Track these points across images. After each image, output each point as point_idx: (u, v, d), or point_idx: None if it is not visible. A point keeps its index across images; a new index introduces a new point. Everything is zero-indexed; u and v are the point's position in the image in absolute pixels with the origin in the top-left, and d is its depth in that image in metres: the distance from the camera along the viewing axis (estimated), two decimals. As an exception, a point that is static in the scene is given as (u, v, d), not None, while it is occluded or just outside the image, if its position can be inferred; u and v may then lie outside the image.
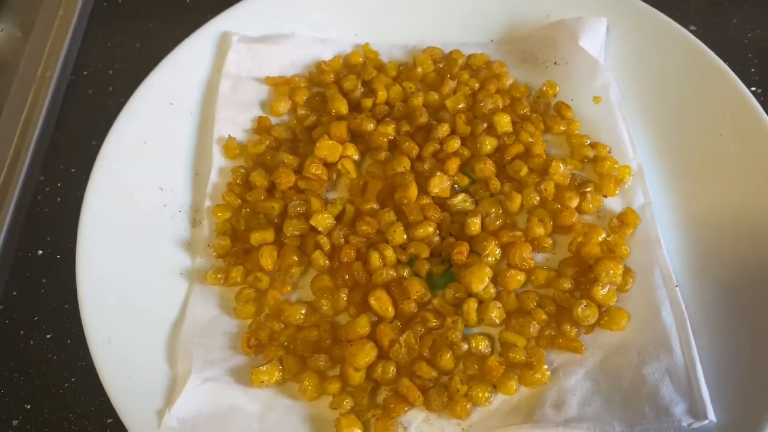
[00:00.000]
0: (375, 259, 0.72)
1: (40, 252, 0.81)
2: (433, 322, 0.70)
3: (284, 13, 0.90)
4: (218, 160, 0.82)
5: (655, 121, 0.82)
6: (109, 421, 0.71)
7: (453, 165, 0.78)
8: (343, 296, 0.72)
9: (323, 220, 0.75)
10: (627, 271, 0.71)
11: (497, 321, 0.70)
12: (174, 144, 0.82)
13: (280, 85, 0.87)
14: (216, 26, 0.88)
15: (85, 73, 0.96)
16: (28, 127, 0.89)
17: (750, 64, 0.92)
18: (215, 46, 0.88)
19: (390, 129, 0.81)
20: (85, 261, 0.72)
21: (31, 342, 0.76)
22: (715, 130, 0.79)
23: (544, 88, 0.85)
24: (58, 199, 0.85)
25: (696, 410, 0.62)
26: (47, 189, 0.86)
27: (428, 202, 0.76)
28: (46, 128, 0.90)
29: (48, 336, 0.76)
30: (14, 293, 0.79)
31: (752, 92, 0.80)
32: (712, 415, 0.62)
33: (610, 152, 0.79)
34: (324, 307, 0.72)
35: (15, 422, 0.72)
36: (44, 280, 0.79)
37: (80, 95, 0.94)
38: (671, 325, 0.67)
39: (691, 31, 0.85)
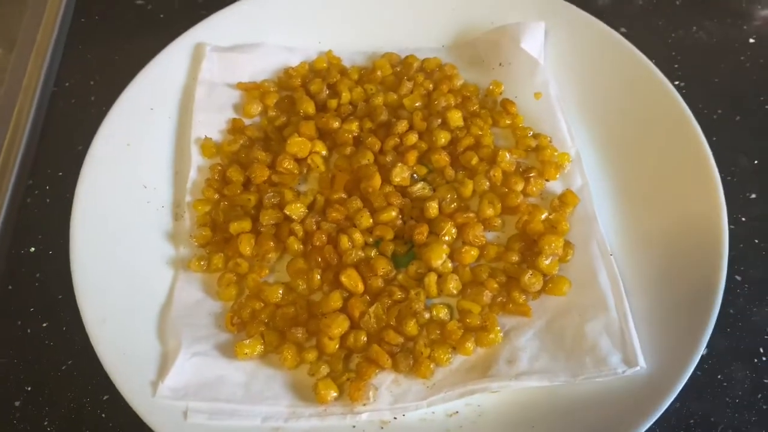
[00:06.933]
0: (344, 241, 0.80)
1: (33, 249, 0.87)
2: (399, 294, 0.78)
3: (253, 25, 0.97)
4: (196, 159, 0.88)
5: (590, 112, 0.90)
6: (105, 397, 0.76)
7: (412, 157, 0.85)
8: (317, 276, 0.79)
9: (296, 209, 0.82)
10: (567, 244, 0.80)
11: (455, 291, 0.78)
12: (155, 146, 0.89)
13: (251, 90, 0.94)
14: (190, 38, 0.95)
15: (67, 84, 1.02)
16: (16, 136, 0.94)
17: (673, 60, 1.02)
18: (190, 55, 0.94)
19: (354, 126, 0.89)
20: (78, 251, 0.77)
21: (29, 331, 0.81)
22: (643, 118, 0.87)
23: (491, 87, 0.93)
24: (47, 200, 0.91)
25: (629, 359, 0.71)
26: (36, 192, 0.92)
27: (391, 190, 0.84)
28: (33, 136, 0.96)
29: (44, 324, 0.81)
30: (9, 287, 0.84)
31: (675, 86, 0.89)
32: (642, 362, 0.70)
33: (550, 141, 0.88)
34: (300, 287, 0.79)
35: (17, 403, 0.77)
36: (38, 275, 0.85)
37: (63, 105, 1.00)
38: (607, 289, 0.76)
39: (621, 33, 0.93)
